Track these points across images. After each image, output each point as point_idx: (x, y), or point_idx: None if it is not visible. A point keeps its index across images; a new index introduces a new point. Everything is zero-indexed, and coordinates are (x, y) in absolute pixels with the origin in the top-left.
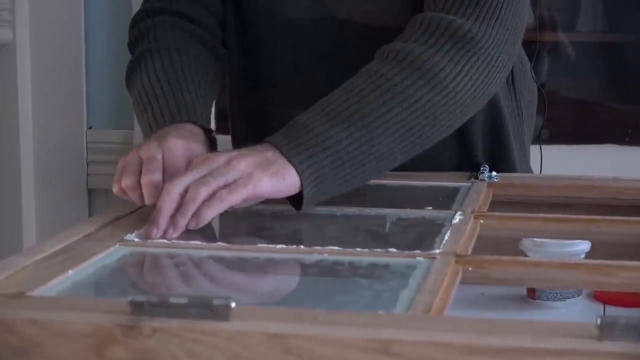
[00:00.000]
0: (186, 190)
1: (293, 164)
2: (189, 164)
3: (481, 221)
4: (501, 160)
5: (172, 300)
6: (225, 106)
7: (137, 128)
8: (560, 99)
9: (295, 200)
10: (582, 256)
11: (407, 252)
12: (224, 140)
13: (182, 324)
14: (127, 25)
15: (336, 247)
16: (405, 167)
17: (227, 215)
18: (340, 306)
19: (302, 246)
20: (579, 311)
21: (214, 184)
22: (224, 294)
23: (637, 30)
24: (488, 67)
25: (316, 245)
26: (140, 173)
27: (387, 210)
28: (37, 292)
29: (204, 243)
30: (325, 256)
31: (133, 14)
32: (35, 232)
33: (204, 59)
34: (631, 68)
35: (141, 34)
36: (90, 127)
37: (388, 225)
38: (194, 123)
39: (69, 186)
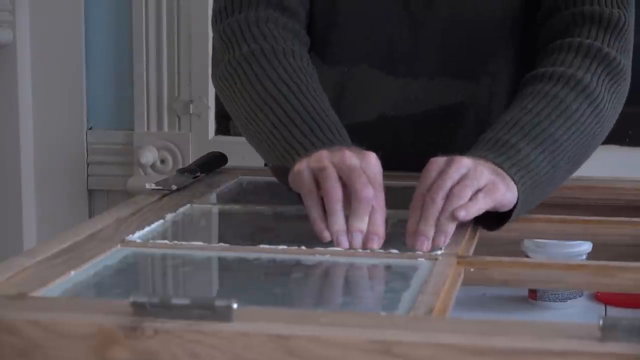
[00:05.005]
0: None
1: (514, 181)
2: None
3: None
4: None
5: (174, 301)
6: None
7: (138, 129)
8: None
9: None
10: (584, 257)
11: (408, 253)
12: (225, 140)
13: (184, 325)
14: (127, 25)
15: (338, 248)
16: (411, 168)
17: (229, 216)
18: (342, 307)
19: (303, 247)
20: (580, 312)
21: (474, 187)
22: (226, 295)
23: (638, 31)
24: (624, 98)
25: (318, 246)
26: (338, 181)
27: (388, 212)
28: (38, 293)
29: (206, 244)
30: (327, 257)
31: (133, 14)
32: (35, 233)
33: (311, 64)
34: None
35: (240, 29)
36: (91, 128)
37: (389, 226)
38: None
39: (69, 187)
